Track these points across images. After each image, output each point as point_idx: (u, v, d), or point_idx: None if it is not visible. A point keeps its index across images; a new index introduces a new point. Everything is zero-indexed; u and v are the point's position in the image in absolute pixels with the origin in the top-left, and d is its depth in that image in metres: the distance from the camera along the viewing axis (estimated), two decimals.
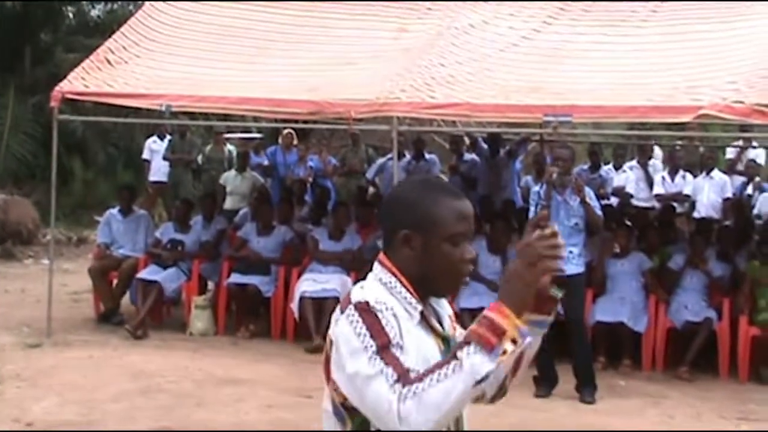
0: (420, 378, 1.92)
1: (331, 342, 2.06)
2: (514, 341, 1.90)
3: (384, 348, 1.97)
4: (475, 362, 1.88)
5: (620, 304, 8.14)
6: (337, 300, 8.51)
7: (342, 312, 2.06)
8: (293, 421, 6.43)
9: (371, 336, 1.99)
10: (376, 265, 2.17)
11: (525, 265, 1.95)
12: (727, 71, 7.65)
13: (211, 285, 9.89)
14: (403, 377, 1.93)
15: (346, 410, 2.05)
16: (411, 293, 2.11)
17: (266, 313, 9.27)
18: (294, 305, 8.71)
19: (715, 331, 7.98)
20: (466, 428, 2.17)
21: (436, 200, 2.13)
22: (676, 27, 8.55)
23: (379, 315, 2.02)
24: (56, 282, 9.37)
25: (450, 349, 2.04)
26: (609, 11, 9.02)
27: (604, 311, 8.08)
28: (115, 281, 9.56)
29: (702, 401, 7.34)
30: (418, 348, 2.05)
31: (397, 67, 8.35)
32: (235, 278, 9.10)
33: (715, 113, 7.20)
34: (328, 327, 2.26)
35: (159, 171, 13.43)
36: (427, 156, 12.30)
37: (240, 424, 6.46)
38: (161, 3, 10.03)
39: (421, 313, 2.11)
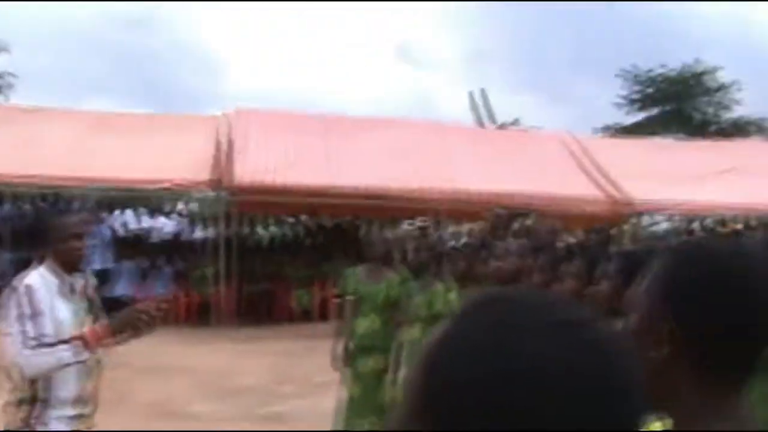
0: (40, 345, 3.14)
1: None
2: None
3: (35, 315, 3.26)
4: (63, 356, 3.17)
5: None
6: None
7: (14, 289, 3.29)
8: None
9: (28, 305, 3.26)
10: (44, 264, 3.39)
11: (121, 320, 3.24)
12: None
13: None
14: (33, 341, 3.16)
15: None
16: (52, 274, 3.37)
17: None
18: None
19: None
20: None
21: (58, 225, 3.46)
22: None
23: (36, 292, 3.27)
24: None
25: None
26: None
27: None
28: None
29: None
30: (51, 308, 3.32)
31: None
32: None
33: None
34: None
35: None
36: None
37: None
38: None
39: (57, 285, 3.37)
